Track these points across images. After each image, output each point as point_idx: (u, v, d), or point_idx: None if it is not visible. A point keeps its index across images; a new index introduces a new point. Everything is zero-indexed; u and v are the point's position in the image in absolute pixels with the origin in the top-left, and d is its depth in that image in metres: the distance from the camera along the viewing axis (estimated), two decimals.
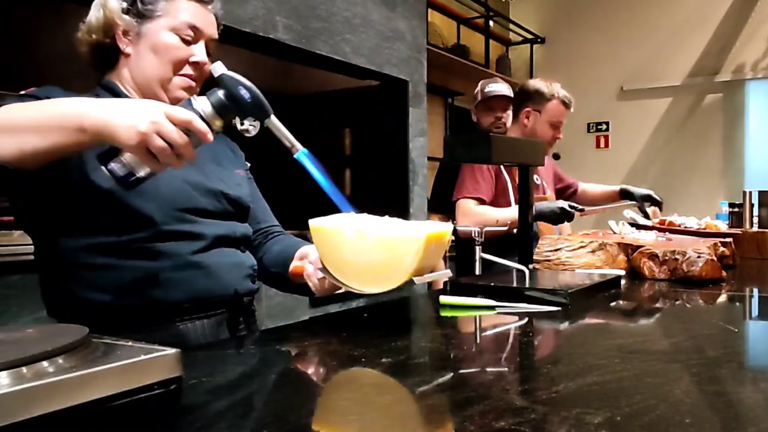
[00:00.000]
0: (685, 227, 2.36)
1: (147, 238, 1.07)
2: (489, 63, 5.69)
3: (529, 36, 6.14)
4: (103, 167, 0.86)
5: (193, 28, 1.14)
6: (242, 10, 2.49)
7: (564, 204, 2.21)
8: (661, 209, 2.59)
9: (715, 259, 1.66)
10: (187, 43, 1.14)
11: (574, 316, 1.22)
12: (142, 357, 0.60)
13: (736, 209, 2.64)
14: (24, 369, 0.53)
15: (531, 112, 2.53)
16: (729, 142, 5.53)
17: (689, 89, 5.64)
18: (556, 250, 1.76)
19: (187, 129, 0.86)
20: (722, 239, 1.95)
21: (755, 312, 1.47)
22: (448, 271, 1.01)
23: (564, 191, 2.86)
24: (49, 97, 1.01)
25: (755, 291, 1.72)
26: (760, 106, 5.47)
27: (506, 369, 0.89)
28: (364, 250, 0.94)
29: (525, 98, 2.56)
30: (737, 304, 1.55)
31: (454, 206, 2.48)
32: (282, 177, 2.05)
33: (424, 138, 3.69)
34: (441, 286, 1.16)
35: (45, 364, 0.55)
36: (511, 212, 2.21)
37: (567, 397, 0.71)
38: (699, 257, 1.62)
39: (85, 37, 1.14)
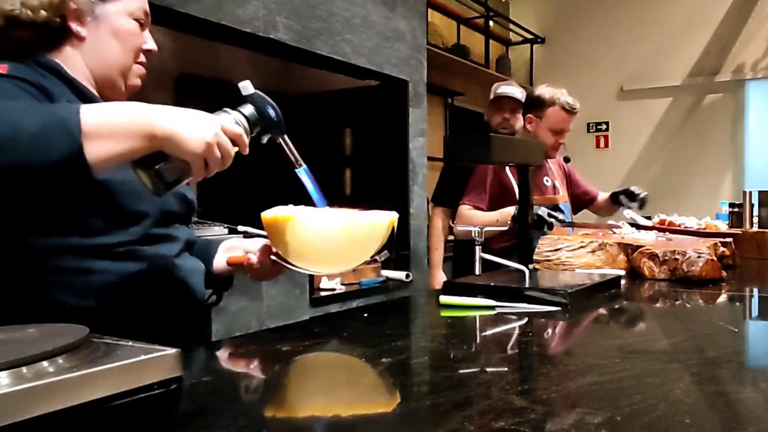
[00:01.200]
0: (685, 227, 2.36)
1: (135, 241, 1.02)
2: (489, 63, 5.69)
3: (529, 36, 6.14)
4: (147, 170, 0.84)
5: (146, 14, 1.11)
6: (242, 10, 2.49)
7: (543, 211, 2.15)
8: (642, 204, 2.56)
9: (715, 259, 1.66)
10: (141, 28, 1.11)
11: (574, 316, 1.23)
12: (142, 357, 0.60)
13: (736, 209, 2.64)
14: (24, 369, 0.53)
15: (533, 119, 2.56)
16: (729, 142, 5.53)
17: (689, 89, 5.64)
18: (556, 250, 1.76)
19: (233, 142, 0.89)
20: (722, 239, 1.95)
21: (755, 312, 1.47)
22: (387, 252, 1.10)
23: (580, 197, 2.86)
24: (37, 83, 0.96)
25: (755, 291, 1.72)
26: (760, 106, 5.47)
27: (506, 369, 0.90)
28: (333, 236, 1.01)
29: (528, 104, 2.61)
30: (737, 304, 1.54)
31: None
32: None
33: (424, 138, 3.69)
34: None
35: (45, 364, 0.55)
36: (497, 213, 2.33)
37: (567, 397, 0.71)
38: (699, 257, 1.62)
39: (25, 13, 1.01)
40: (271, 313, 2.51)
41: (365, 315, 1.25)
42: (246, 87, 1.01)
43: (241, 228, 2.53)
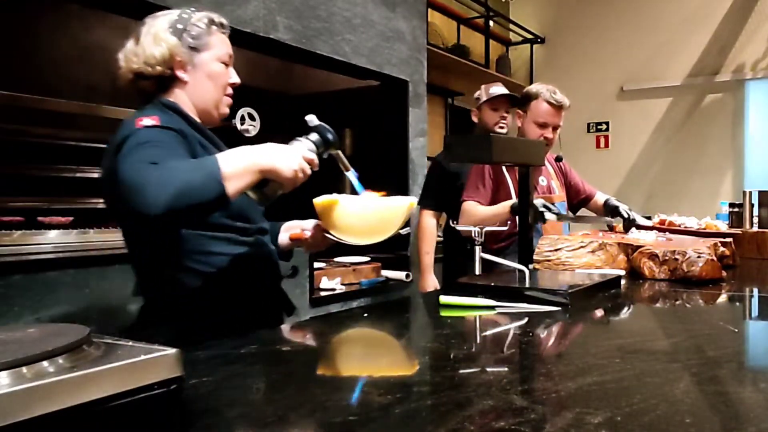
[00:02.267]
0: (685, 227, 2.36)
1: (247, 233, 1.44)
2: (489, 63, 5.69)
3: (529, 36, 6.14)
4: (257, 191, 1.21)
5: (230, 56, 1.46)
6: (243, 10, 2.49)
7: (539, 203, 2.15)
8: (628, 227, 2.48)
9: (715, 259, 1.66)
10: (226, 67, 1.46)
11: (574, 316, 1.23)
12: (142, 357, 0.60)
13: (736, 209, 2.63)
14: (24, 369, 0.53)
15: (521, 114, 2.59)
16: (729, 142, 5.53)
17: (689, 89, 5.64)
18: (556, 250, 1.76)
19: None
20: (722, 239, 1.95)
21: (755, 312, 1.47)
22: (409, 228, 1.32)
23: (576, 196, 2.83)
24: (180, 130, 1.30)
25: (755, 291, 1.72)
26: (760, 106, 5.46)
27: (506, 369, 0.90)
28: (365, 215, 1.31)
29: (519, 102, 2.63)
30: (737, 304, 1.54)
31: (454, 204, 2.63)
32: None
33: (424, 138, 3.69)
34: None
35: (45, 364, 0.55)
36: (499, 207, 2.31)
37: (567, 397, 0.71)
38: (699, 257, 1.62)
39: (143, 68, 1.37)
40: None
41: (365, 315, 1.25)
42: (312, 120, 1.34)
43: None
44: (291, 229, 1.56)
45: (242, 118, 2.54)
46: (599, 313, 1.32)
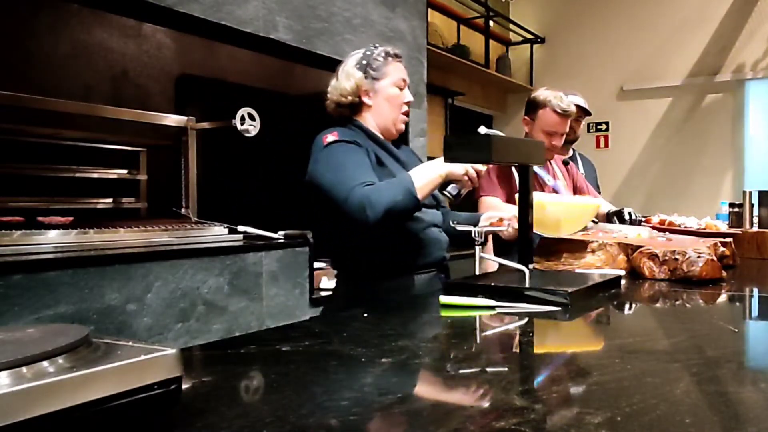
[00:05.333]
0: (685, 227, 2.36)
1: None
2: (489, 63, 5.69)
3: (529, 36, 6.14)
4: (445, 193, 1.67)
5: (404, 80, 1.84)
6: (243, 10, 2.49)
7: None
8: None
9: (715, 259, 1.66)
10: (401, 90, 1.83)
11: (574, 317, 1.23)
12: (142, 357, 0.60)
13: (736, 209, 2.63)
14: (24, 369, 0.53)
15: (528, 121, 2.61)
16: (729, 142, 5.53)
17: (689, 89, 5.64)
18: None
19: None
20: (722, 239, 1.95)
21: (755, 312, 1.47)
22: (592, 223, 1.56)
23: None
24: (355, 141, 1.74)
25: (755, 291, 1.72)
26: (760, 106, 5.47)
27: (506, 369, 0.90)
28: (560, 212, 1.56)
29: (526, 107, 2.65)
30: (737, 304, 1.54)
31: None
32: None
33: (425, 138, 3.69)
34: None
35: (45, 364, 0.55)
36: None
37: (567, 397, 0.71)
38: (699, 257, 1.62)
39: (340, 99, 1.82)
40: (271, 313, 2.51)
41: (365, 315, 1.25)
42: (482, 130, 1.63)
43: (240, 228, 2.54)
44: (491, 218, 1.87)
45: (242, 118, 2.54)
46: (599, 313, 1.32)
